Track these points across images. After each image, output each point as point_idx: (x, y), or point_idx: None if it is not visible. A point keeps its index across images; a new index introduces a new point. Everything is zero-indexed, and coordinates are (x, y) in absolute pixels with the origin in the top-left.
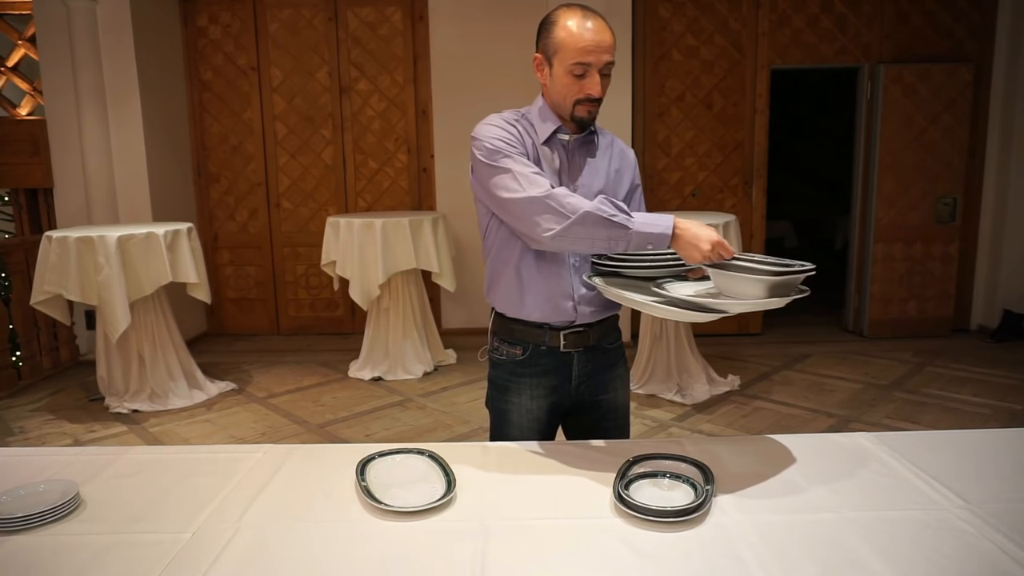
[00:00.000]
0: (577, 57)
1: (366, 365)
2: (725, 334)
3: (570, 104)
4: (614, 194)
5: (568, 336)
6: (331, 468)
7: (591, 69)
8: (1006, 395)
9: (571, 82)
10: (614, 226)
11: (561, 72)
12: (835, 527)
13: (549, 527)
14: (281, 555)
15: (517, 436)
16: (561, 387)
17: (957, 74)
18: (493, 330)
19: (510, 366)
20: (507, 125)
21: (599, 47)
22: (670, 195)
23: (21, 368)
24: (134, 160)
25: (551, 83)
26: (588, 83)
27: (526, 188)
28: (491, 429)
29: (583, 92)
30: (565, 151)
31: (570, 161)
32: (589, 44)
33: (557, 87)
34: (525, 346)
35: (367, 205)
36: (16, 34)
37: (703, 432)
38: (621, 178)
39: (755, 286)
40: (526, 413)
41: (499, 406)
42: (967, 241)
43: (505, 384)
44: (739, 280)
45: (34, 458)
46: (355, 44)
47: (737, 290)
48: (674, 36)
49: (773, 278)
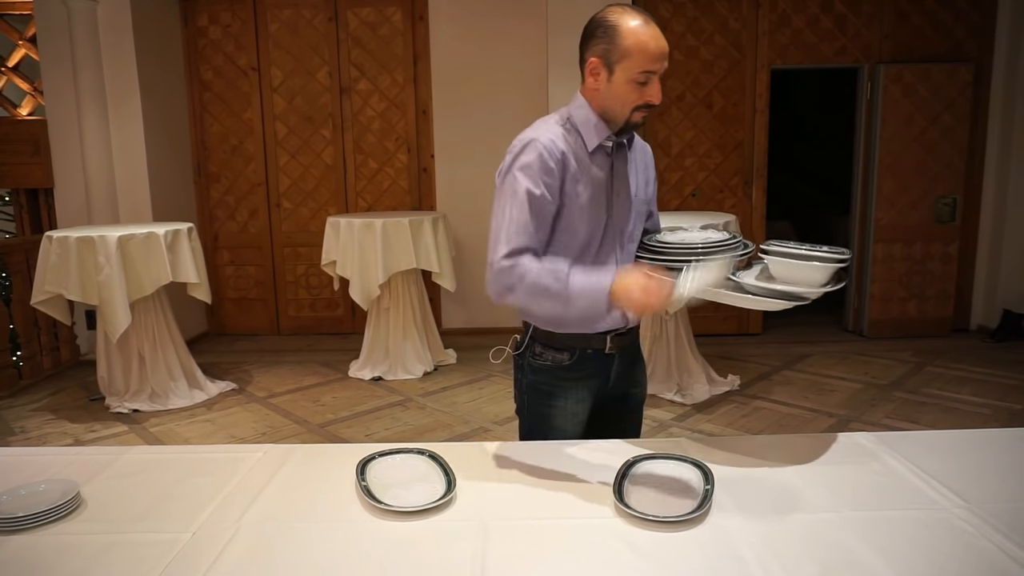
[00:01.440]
0: (646, 66)
1: (366, 365)
2: (725, 334)
3: (629, 111)
4: (646, 195)
5: (614, 338)
6: (331, 468)
7: (654, 77)
8: (1006, 395)
9: (632, 89)
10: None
11: (624, 79)
12: (835, 527)
13: (549, 527)
14: (281, 555)
15: (558, 439)
16: (602, 387)
17: (957, 74)
18: (533, 335)
19: (556, 371)
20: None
21: (664, 54)
22: (670, 195)
23: (22, 368)
24: (134, 160)
25: (607, 89)
26: (649, 90)
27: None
28: (525, 434)
29: (643, 99)
30: (609, 158)
31: (613, 168)
32: (656, 52)
33: (616, 93)
34: (572, 351)
35: (367, 205)
36: (17, 34)
37: (703, 432)
38: (648, 174)
39: (819, 272)
40: (571, 416)
41: (541, 411)
42: (967, 241)
43: (550, 389)
44: (803, 267)
45: (34, 458)
46: (355, 44)
47: (799, 277)
48: (674, 36)
49: (832, 265)
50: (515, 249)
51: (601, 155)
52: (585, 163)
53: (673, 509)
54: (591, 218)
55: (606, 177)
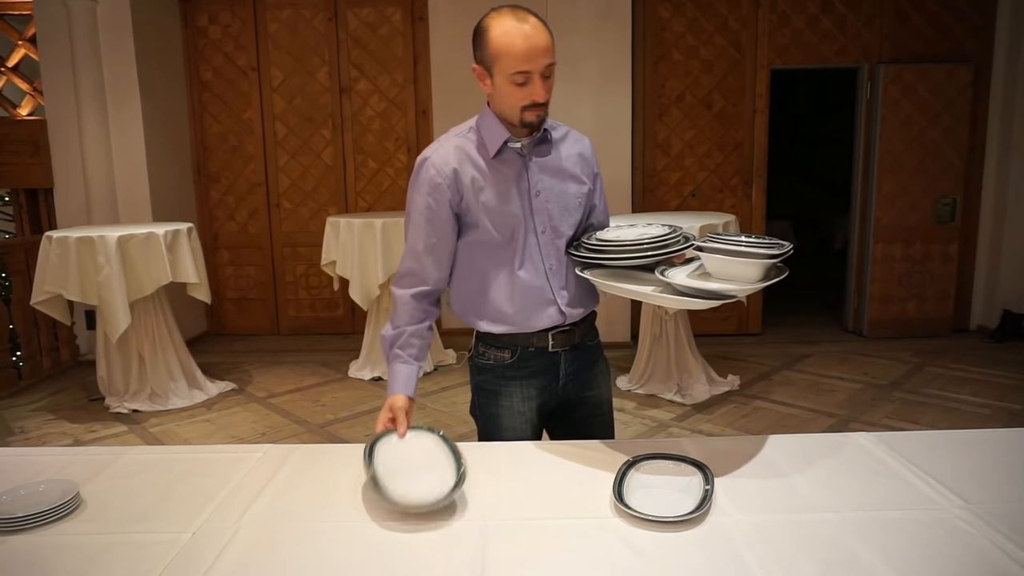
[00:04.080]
0: (517, 66)
1: (366, 365)
2: (725, 334)
3: (518, 112)
4: (578, 191)
5: (556, 336)
6: (331, 468)
7: (532, 75)
8: (1006, 395)
9: (514, 90)
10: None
11: (503, 82)
12: (835, 527)
13: (549, 527)
14: (281, 555)
15: (510, 439)
16: (549, 387)
17: (957, 74)
18: (478, 336)
19: (499, 370)
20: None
21: (535, 51)
22: (670, 195)
23: (21, 368)
24: (134, 160)
25: (494, 93)
26: (531, 89)
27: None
28: (481, 435)
29: (528, 98)
30: (521, 158)
31: (527, 167)
32: (525, 52)
33: (501, 97)
34: (513, 349)
35: (367, 205)
36: (16, 34)
37: (703, 432)
38: (582, 168)
39: (751, 268)
40: (518, 416)
41: (489, 411)
42: (967, 241)
43: (494, 388)
44: (735, 263)
45: (34, 458)
46: (355, 44)
47: (732, 273)
48: (674, 36)
49: (767, 260)
50: (402, 274)
51: (511, 156)
52: (487, 169)
53: (673, 509)
54: (504, 220)
55: (517, 177)
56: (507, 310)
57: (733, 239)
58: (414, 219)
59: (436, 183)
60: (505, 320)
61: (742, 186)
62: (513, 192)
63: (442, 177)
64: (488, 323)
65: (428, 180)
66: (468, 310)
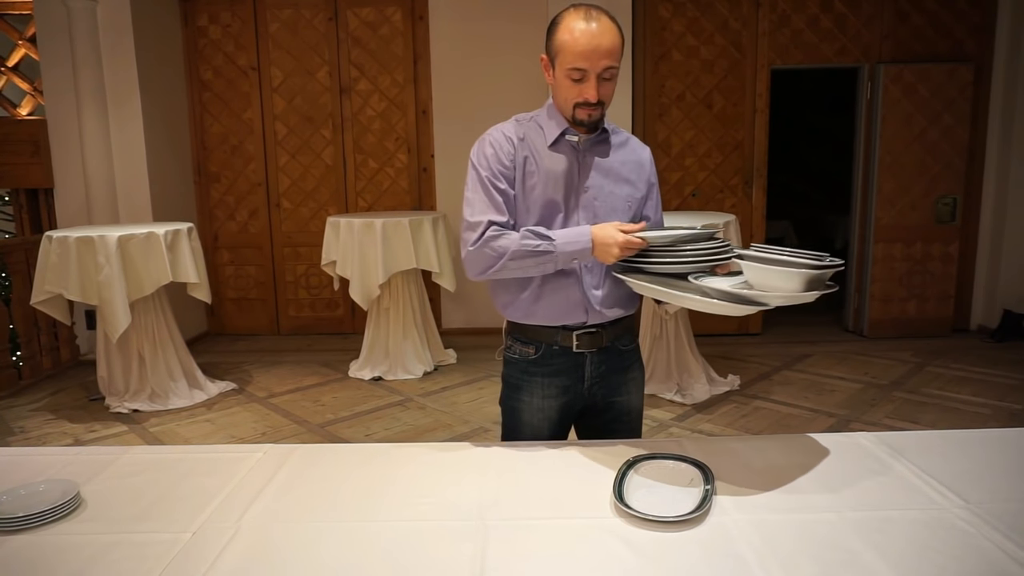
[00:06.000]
0: (575, 62)
1: (366, 365)
2: (725, 334)
3: (570, 107)
4: (629, 195)
5: (581, 336)
6: (331, 468)
7: (588, 74)
8: (1006, 395)
9: (570, 86)
10: (540, 254)
11: (561, 76)
12: (835, 527)
13: (549, 527)
14: (281, 555)
15: (529, 434)
16: (573, 387)
17: (957, 74)
18: (507, 329)
19: (523, 365)
20: (503, 141)
21: (596, 52)
22: (670, 195)
23: (21, 368)
24: (134, 160)
25: (554, 85)
26: (585, 88)
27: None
28: (503, 427)
29: (581, 96)
30: (575, 152)
31: (580, 163)
32: (586, 49)
33: (558, 90)
34: (538, 345)
35: (367, 205)
36: (16, 34)
37: (703, 432)
38: (639, 176)
39: (791, 280)
40: (537, 412)
41: (511, 404)
42: (967, 241)
43: (517, 383)
44: (774, 274)
45: (34, 458)
46: (355, 44)
47: (772, 284)
48: (674, 36)
49: (810, 271)
50: (490, 221)
51: (565, 148)
52: (543, 155)
53: (673, 509)
54: (545, 208)
55: (567, 171)
56: (534, 300)
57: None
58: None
59: (499, 157)
60: (530, 311)
61: (742, 186)
62: (561, 183)
63: (503, 152)
64: (514, 311)
65: (493, 154)
66: (499, 298)
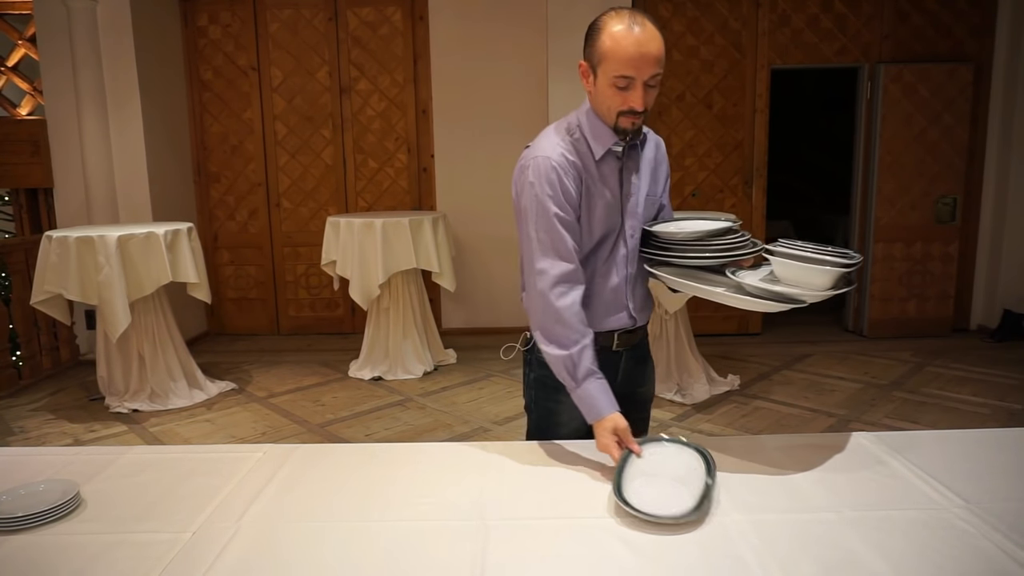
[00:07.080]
0: (620, 70)
1: (366, 365)
2: (725, 334)
3: (613, 116)
4: (655, 191)
5: (621, 336)
6: (331, 468)
7: (634, 82)
8: (1006, 395)
9: (614, 93)
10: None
11: (604, 83)
12: (835, 527)
13: (549, 527)
14: (281, 555)
15: (565, 434)
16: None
17: (957, 74)
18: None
19: None
20: (567, 167)
21: (644, 59)
22: (670, 195)
23: (21, 368)
24: (134, 160)
25: (595, 92)
26: (631, 96)
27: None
28: (533, 429)
29: (626, 104)
30: (618, 161)
31: (623, 172)
32: (633, 57)
33: (601, 98)
34: None
35: (367, 205)
36: (16, 34)
37: (703, 432)
38: (659, 174)
39: (824, 276)
40: (574, 409)
41: (547, 405)
42: (967, 241)
43: (556, 384)
44: (807, 270)
45: (34, 458)
46: (355, 44)
47: (804, 280)
48: (674, 36)
49: (840, 269)
50: (558, 277)
51: (611, 159)
52: (593, 171)
53: (673, 504)
54: (606, 222)
55: (616, 181)
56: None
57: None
58: (549, 222)
59: (565, 184)
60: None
61: (742, 186)
62: (609, 196)
63: (568, 177)
64: None
65: (558, 183)
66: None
